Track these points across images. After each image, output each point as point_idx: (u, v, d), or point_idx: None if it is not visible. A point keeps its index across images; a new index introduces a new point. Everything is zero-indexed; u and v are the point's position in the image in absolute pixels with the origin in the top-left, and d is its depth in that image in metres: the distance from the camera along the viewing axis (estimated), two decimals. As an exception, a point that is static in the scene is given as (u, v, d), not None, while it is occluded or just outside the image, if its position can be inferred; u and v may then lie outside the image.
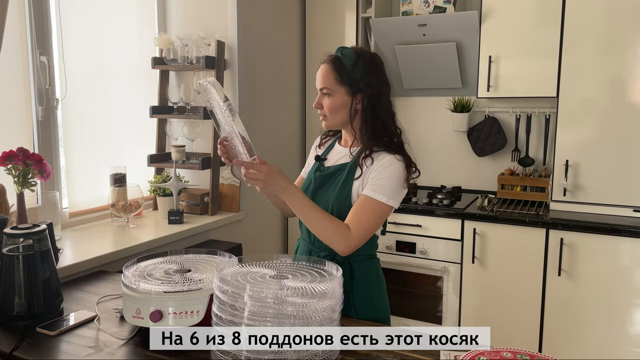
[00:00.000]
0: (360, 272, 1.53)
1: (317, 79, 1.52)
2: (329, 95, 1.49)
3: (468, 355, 1.10)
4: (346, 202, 1.48)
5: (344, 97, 1.49)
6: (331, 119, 1.52)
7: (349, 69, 1.48)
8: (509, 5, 2.68)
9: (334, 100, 1.49)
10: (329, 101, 1.49)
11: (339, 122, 1.53)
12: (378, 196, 1.42)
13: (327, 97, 1.50)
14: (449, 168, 3.26)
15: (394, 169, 1.44)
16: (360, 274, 1.52)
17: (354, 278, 1.51)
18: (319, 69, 1.52)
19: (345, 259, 1.48)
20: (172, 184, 2.46)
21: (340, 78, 1.48)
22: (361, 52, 1.52)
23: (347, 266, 1.49)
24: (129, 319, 1.24)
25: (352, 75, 1.48)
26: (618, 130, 2.47)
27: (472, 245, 2.63)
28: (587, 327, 2.44)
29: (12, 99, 2.06)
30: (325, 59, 1.52)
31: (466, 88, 3.07)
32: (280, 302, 1.06)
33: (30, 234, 1.37)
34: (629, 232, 2.32)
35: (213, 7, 2.68)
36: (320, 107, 1.52)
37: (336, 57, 1.51)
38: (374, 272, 1.57)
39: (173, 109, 2.65)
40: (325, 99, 1.51)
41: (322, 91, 1.50)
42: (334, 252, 1.47)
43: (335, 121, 1.52)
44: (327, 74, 1.49)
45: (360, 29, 3.07)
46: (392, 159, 1.46)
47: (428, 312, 2.79)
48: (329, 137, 1.69)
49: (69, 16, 2.25)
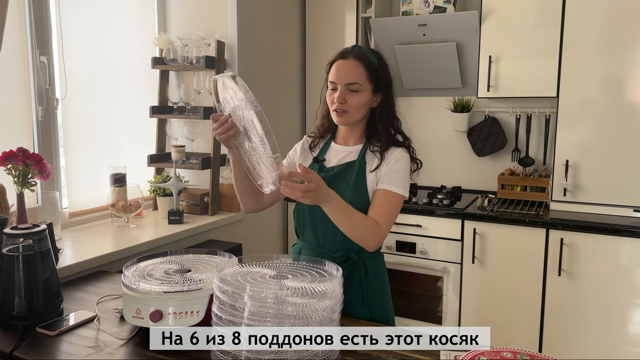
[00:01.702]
0: (373, 269, 1.55)
1: (343, 74, 1.46)
2: (358, 91, 1.46)
3: (468, 355, 1.10)
4: (362, 197, 1.48)
5: (369, 95, 1.49)
6: (354, 115, 1.49)
7: (376, 66, 1.49)
8: (509, 5, 2.68)
9: (362, 96, 1.47)
10: (358, 97, 1.46)
11: (359, 118, 1.51)
12: (395, 189, 1.45)
13: (354, 93, 1.46)
14: (449, 168, 3.26)
15: (405, 162, 1.49)
16: (372, 271, 1.55)
17: (368, 275, 1.54)
18: (343, 63, 1.47)
19: (359, 258, 1.51)
20: (172, 184, 2.46)
21: (370, 75, 1.47)
22: (377, 51, 1.55)
23: (361, 264, 1.52)
24: (129, 319, 1.24)
25: (378, 73, 1.49)
26: (618, 130, 2.47)
27: (472, 245, 2.63)
28: (587, 327, 2.44)
29: (12, 99, 2.06)
30: (348, 54, 1.48)
31: (466, 88, 3.07)
32: (280, 302, 1.06)
33: (30, 234, 1.37)
34: (629, 232, 2.32)
35: (213, 7, 2.68)
36: (344, 102, 1.46)
37: (363, 53, 1.48)
38: (383, 269, 1.61)
39: (173, 109, 2.65)
40: (350, 94, 1.46)
41: (351, 87, 1.45)
42: (348, 252, 1.50)
43: (356, 117, 1.50)
44: (358, 69, 1.46)
45: (360, 29, 3.07)
46: (401, 152, 1.50)
47: (428, 312, 2.79)
48: (319, 138, 1.65)
49: (69, 16, 2.25)
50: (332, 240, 1.51)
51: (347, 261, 1.50)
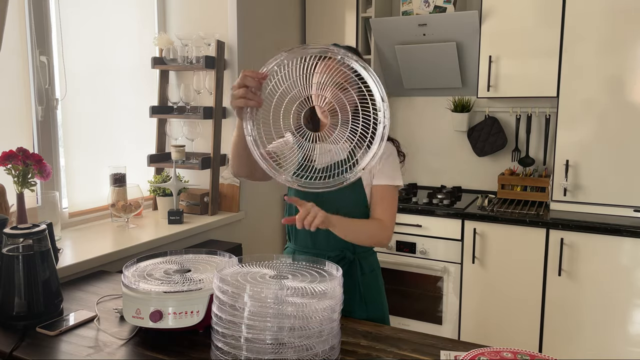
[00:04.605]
0: (368, 267, 1.58)
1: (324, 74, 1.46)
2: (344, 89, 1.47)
3: (468, 355, 1.10)
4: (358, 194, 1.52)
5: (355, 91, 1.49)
6: None
7: None
8: (509, 5, 2.67)
9: None
10: None
11: None
12: (389, 181, 1.52)
13: None
14: (449, 168, 3.26)
15: (393, 155, 1.55)
16: (368, 269, 1.58)
17: (364, 273, 1.56)
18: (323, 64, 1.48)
19: (354, 256, 1.54)
20: (172, 184, 2.46)
21: None
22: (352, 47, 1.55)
23: (357, 262, 1.55)
24: (128, 319, 1.24)
25: None
26: (618, 130, 2.47)
27: (472, 245, 2.63)
28: (587, 327, 2.44)
29: (12, 99, 2.06)
30: None
31: (466, 88, 3.07)
32: (280, 302, 1.06)
33: (30, 234, 1.36)
34: (629, 232, 2.32)
35: (213, 7, 2.68)
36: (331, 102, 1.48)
37: None
38: (378, 267, 1.64)
39: (173, 108, 2.65)
40: None
41: None
42: (343, 251, 1.53)
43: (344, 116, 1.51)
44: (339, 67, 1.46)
45: (360, 28, 3.07)
46: (389, 145, 1.54)
47: (428, 312, 2.79)
48: None
49: (69, 16, 2.25)
50: (325, 241, 1.54)
51: (343, 260, 1.53)
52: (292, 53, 1.18)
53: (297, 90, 1.21)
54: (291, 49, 1.18)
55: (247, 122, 1.22)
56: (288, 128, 1.24)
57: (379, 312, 1.59)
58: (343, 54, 1.18)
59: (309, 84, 1.21)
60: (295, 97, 1.21)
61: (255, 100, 1.19)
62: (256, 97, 1.20)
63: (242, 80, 1.19)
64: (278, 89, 1.21)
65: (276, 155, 1.25)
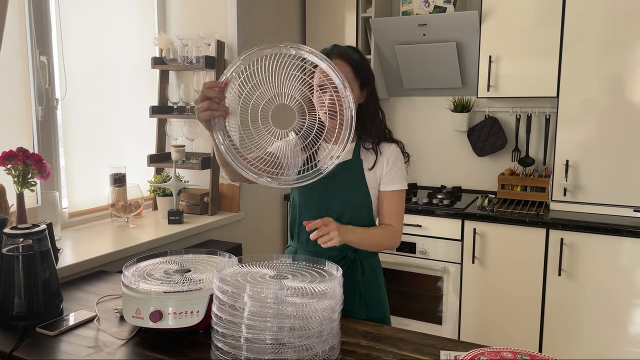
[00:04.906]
0: (369, 267, 1.58)
1: None
2: None
3: (468, 355, 1.10)
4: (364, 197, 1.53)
5: (357, 92, 1.50)
6: None
7: (359, 62, 1.50)
8: (509, 5, 2.67)
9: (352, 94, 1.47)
10: None
11: None
12: (398, 186, 1.55)
13: None
14: (449, 168, 3.26)
15: (400, 157, 1.57)
16: (369, 269, 1.58)
17: (365, 273, 1.57)
18: None
19: (355, 256, 1.55)
20: (172, 184, 2.46)
21: (355, 72, 1.48)
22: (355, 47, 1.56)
23: (358, 262, 1.55)
24: (128, 319, 1.24)
25: (362, 69, 1.50)
26: (618, 130, 2.47)
27: (472, 245, 2.63)
28: (587, 327, 2.44)
29: (12, 99, 2.06)
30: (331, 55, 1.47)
31: (466, 88, 3.07)
32: (280, 302, 1.06)
33: (30, 234, 1.36)
34: (629, 232, 2.32)
35: (213, 7, 2.68)
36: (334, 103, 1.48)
37: (345, 51, 1.50)
38: (379, 267, 1.64)
39: (173, 108, 2.65)
40: None
41: None
42: (345, 251, 1.53)
43: None
44: (344, 68, 1.45)
45: (360, 28, 3.07)
46: (395, 148, 1.56)
47: (428, 312, 2.79)
48: None
49: (69, 16, 2.25)
50: None
51: (344, 259, 1.53)
52: (248, 57, 1.19)
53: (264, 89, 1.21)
54: (247, 54, 1.18)
55: (217, 132, 1.23)
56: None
57: (380, 312, 1.59)
58: (296, 48, 1.17)
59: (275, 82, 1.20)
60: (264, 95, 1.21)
61: (221, 110, 1.20)
62: (220, 106, 1.20)
63: (204, 94, 1.20)
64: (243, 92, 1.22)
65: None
